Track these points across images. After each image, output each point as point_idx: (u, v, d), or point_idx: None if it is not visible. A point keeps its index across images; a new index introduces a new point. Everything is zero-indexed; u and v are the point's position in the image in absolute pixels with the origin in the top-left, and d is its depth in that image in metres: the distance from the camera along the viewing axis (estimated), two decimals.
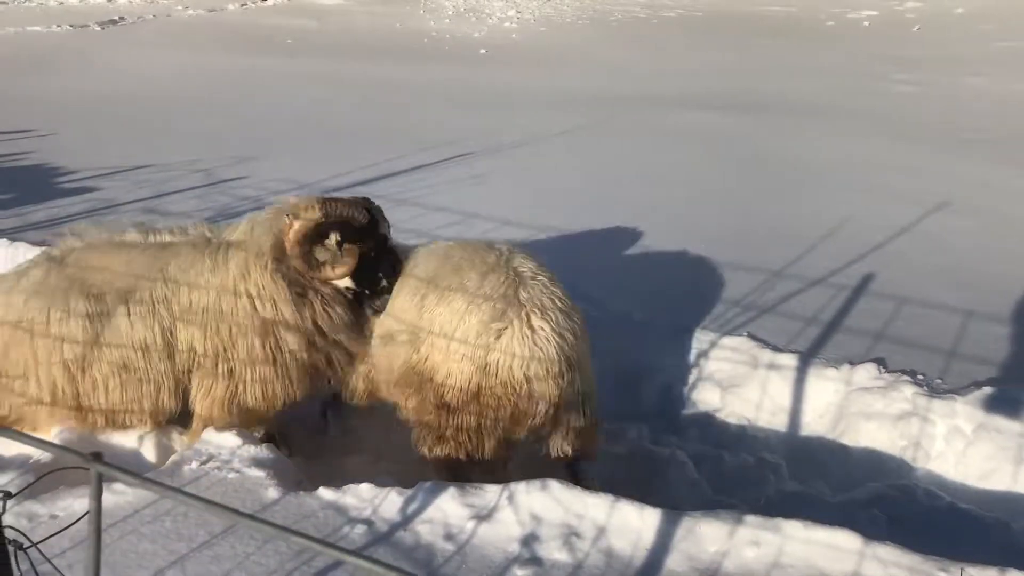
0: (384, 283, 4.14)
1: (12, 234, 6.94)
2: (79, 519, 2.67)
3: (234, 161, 9.95)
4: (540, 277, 3.86)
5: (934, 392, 4.60)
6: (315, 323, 4.08)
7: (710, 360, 5.17)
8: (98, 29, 23.07)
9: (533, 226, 7.71)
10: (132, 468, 3.87)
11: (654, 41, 22.37)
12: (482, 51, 21.26)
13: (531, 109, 14.10)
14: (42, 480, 3.60)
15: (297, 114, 13.44)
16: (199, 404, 4.06)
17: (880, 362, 4.99)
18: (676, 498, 4.20)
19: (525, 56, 20.51)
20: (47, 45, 20.05)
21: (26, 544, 1.96)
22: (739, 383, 4.99)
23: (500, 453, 3.76)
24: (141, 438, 4.05)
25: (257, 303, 3.97)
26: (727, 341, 5.24)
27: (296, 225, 3.93)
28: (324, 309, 4.09)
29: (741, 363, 5.07)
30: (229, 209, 8.01)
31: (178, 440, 4.11)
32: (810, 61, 19.03)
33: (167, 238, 4.20)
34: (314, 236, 3.97)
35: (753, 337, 5.28)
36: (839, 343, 5.33)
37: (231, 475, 3.61)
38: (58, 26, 22.96)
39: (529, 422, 3.65)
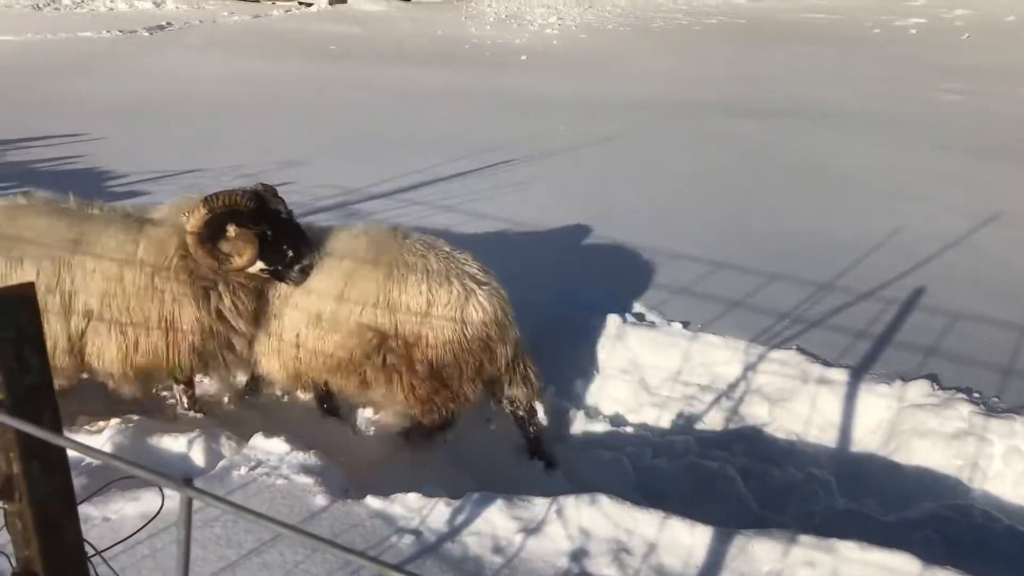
0: (291, 254, 4.22)
1: None
2: (140, 528, 2.69)
3: (279, 166, 10.04)
4: (462, 254, 4.51)
5: (991, 410, 4.49)
6: (219, 314, 4.27)
7: (758, 373, 5.10)
8: (146, 34, 23.47)
9: (574, 234, 7.69)
10: (179, 472, 3.92)
11: (696, 48, 22.23)
12: (523, 57, 21.28)
13: (572, 115, 14.07)
14: (95, 478, 3.65)
15: (341, 120, 13.55)
16: (95, 362, 4.30)
17: (933, 378, 4.89)
18: (723, 513, 4.15)
19: (566, 63, 20.50)
20: (97, 50, 20.43)
21: (91, 553, 1.96)
22: (788, 397, 4.92)
23: (476, 395, 4.53)
24: (191, 442, 4.09)
25: (157, 291, 4.18)
26: (776, 354, 5.17)
27: (189, 229, 4.05)
28: (232, 300, 4.27)
29: (790, 377, 5.00)
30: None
31: (227, 445, 4.13)
32: (855, 69, 18.78)
33: (95, 211, 4.42)
34: (211, 233, 4.07)
35: (802, 351, 5.20)
36: (890, 358, 5.24)
37: (279, 481, 3.62)
38: (108, 31, 23.39)
39: (494, 366, 4.45)
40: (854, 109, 14.44)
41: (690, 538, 3.18)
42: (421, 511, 3.39)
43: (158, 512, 2.70)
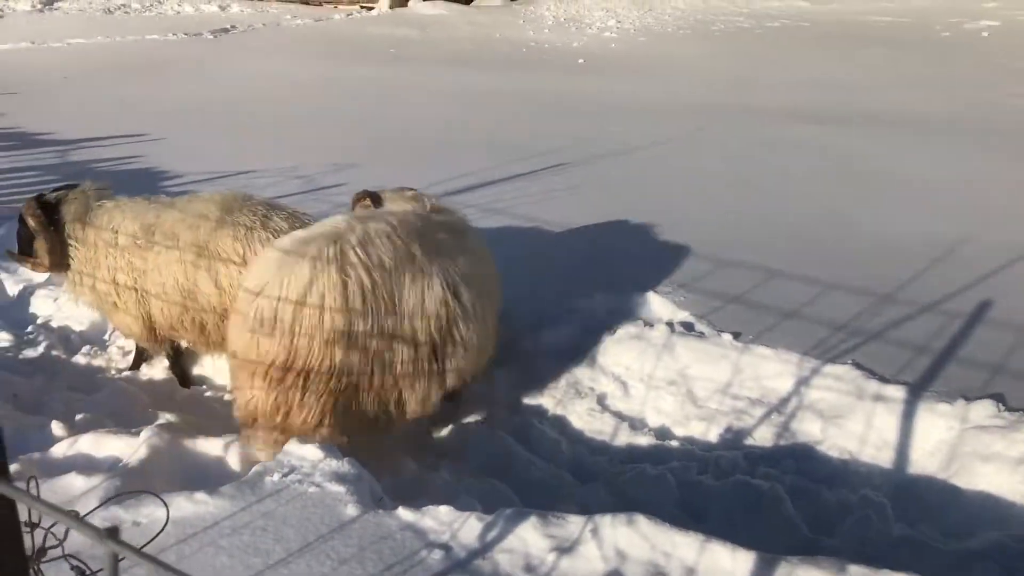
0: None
1: None
2: (152, 539, 2.64)
3: (333, 168, 10.08)
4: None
5: None
6: None
7: (811, 388, 4.90)
8: (211, 37, 23.91)
9: (626, 238, 7.53)
10: (214, 477, 3.90)
11: (756, 52, 21.80)
12: (580, 61, 21.12)
13: (628, 118, 13.88)
14: (130, 480, 3.65)
15: (396, 123, 13.58)
16: None
17: (999, 398, 4.63)
18: (769, 535, 3.98)
19: (624, 66, 20.28)
20: (163, 53, 20.87)
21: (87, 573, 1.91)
22: (842, 414, 4.71)
23: None
24: (227, 446, 4.07)
25: None
26: (830, 368, 4.96)
27: None
28: None
29: (845, 393, 4.79)
30: (326, 215, 8.08)
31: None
32: (922, 73, 18.20)
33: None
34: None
35: (858, 365, 4.98)
36: (952, 376, 4.98)
37: (311, 489, 3.57)
38: (174, 34, 23.89)
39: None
40: (920, 114, 13.97)
41: (731, 563, 3.03)
42: (452, 525, 3.30)
43: (161, 530, 2.62)
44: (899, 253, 7.07)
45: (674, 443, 4.82)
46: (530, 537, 3.20)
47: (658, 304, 6.00)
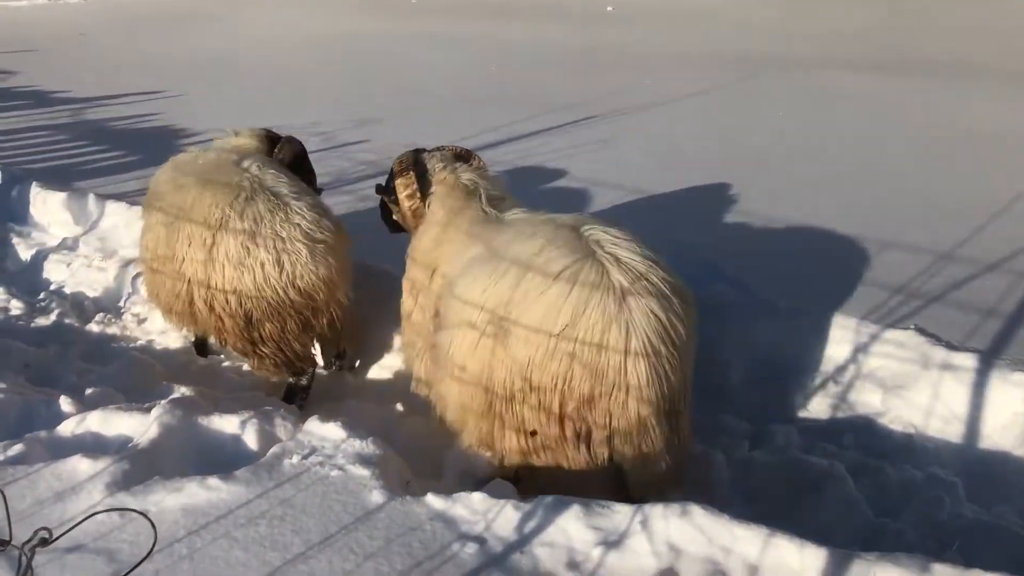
0: None
1: (133, 197, 6.88)
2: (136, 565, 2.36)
3: (355, 124, 9.74)
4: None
5: None
6: None
7: (871, 356, 4.51)
8: None
9: (661, 195, 7.13)
10: (230, 457, 3.62)
11: None
12: (608, 8, 20.45)
13: (660, 70, 13.36)
14: (139, 462, 3.38)
15: (420, 76, 13.16)
16: None
17: None
18: (830, 519, 3.66)
19: (653, 14, 19.60)
20: (182, 7, 20.49)
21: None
22: (905, 384, 4.33)
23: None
24: (243, 423, 3.78)
25: None
26: (891, 334, 4.56)
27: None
28: None
29: (908, 361, 4.40)
30: (347, 173, 7.77)
31: (281, 427, 3.82)
32: (975, 19, 17.37)
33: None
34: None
35: (922, 331, 4.58)
36: None
37: (333, 473, 3.28)
38: None
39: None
40: (972, 62, 13.32)
41: (799, 560, 2.71)
42: (487, 514, 3.00)
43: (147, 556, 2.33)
44: (956, 209, 6.63)
45: (722, 415, 4.48)
46: (572, 529, 2.90)
47: (701, 266, 5.62)
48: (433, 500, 3.10)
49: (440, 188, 4.17)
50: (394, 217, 4.58)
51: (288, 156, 5.06)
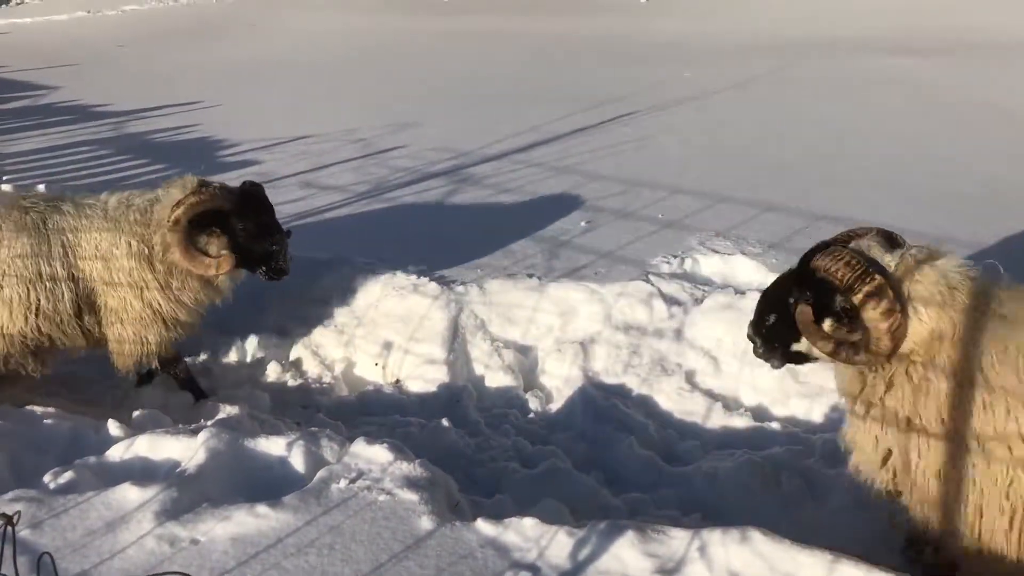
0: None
1: None
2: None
3: (392, 129, 9.71)
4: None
5: None
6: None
7: None
8: None
9: (701, 195, 6.97)
10: (277, 481, 3.59)
11: None
12: (643, 1, 20.23)
13: (698, 62, 13.16)
14: (188, 489, 3.36)
15: (456, 76, 13.12)
16: None
17: None
18: (894, 535, 3.54)
19: (689, 5, 19.35)
20: (216, 14, 20.67)
21: None
22: None
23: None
24: (290, 445, 3.75)
25: None
26: None
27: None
28: None
29: None
30: (385, 182, 7.73)
31: (328, 448, 3.78)
32: None
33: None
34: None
35: None
36: None
37: (381, 498, 3.23)
38: None
39: None
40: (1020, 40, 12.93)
41: None
42: (539, 541, 2.93)
43: None
44: (1015, 199, 6.42)
45: (774, 425, 4.37)
46: (628, 556, 2.82)
47: (748, 267, 5.50)
48: (483, 526, 3.03)
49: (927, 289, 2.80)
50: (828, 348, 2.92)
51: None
